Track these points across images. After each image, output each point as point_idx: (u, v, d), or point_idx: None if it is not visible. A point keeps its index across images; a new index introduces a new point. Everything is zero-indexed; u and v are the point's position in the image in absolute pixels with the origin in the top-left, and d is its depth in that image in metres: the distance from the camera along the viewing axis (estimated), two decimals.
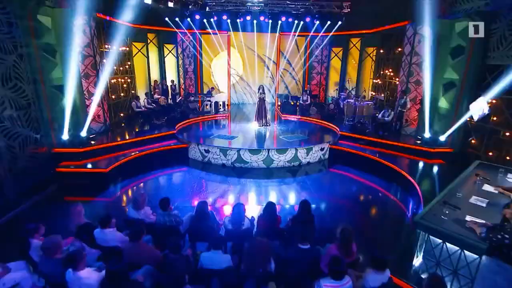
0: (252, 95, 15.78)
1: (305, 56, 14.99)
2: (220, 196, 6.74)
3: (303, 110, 12.96)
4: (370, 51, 13.46)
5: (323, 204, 6.46)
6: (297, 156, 8.49)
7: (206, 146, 8.49)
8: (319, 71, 15.27)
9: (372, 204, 6.76)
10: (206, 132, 9.97)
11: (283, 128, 10.56)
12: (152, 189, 7.09)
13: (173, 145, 8.93)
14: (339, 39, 14.10)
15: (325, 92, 15.47)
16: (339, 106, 12.36)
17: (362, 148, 9.04)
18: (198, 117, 11.76)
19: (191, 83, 14.66)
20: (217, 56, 14.78)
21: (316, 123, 11.51)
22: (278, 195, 6.92)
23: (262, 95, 10.70)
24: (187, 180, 7.51)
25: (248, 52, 15.08)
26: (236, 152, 8.22)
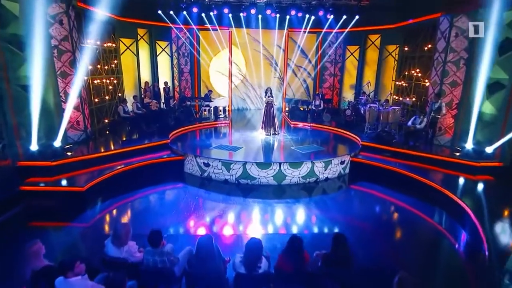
0: (254, 100, 15.63)
1: (317, 55, 14.69)
2: (221, 219, 6.23)
3: (315, 117, 12.59)
4: (391, 49, 13.07)
5: (351, 232, 5.82)
6: (314, 171, 8.01)
7: (205, 159, 8.06)
8: (332, 73, 14.92)
9: (410, 232, 6.09)
10: (205, 142, 9.70)
11: (294, 137, 10.24)
12: (141, 211, 6.56)
13: (166, 157, 8.54)
14: (355, 36, 13.75)
15: (339, 96, 15.13)
16: (357, 112, 11.92)
17: (388, 161, 8.62)
18: (195, 124, 11.49)
19: (187, 85, 14.38)
20: (217, 55, 14.59)
21: (331, 132, 11.20)
22: (293, 219, 6.36)
23: (270, 99, 10.32)
24: (182, 200, 7.02)
25: (252, 51, 14.83)
26: (241, 166, 7.74)
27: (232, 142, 9.67)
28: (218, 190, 7.45)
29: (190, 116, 12.14)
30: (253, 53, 14.91)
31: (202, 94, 14.08)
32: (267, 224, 6.08)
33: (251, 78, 15.25)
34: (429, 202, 7.01)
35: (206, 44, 14.05)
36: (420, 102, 10.87)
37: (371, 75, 13.94)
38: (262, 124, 10.55)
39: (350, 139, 10.13)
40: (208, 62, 14.53)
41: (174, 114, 11.85)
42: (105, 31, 10.03)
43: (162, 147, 9.03)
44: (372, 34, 13.64)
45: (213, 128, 11.61)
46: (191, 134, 10.69)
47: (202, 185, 7.79)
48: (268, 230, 5.89)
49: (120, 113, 10.34)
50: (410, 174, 7.92)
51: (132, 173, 7.91)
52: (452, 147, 8.89)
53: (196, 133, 10.92)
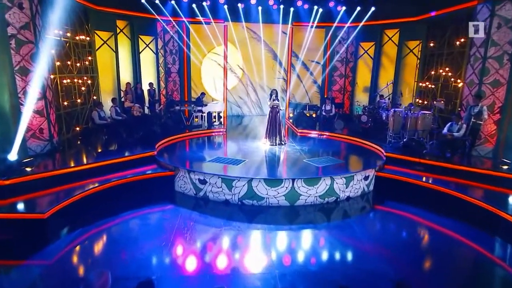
0: (252, 105, 15.64)
1: (325, 56, 14.55)
2: (222, 252, 5.65)
3: (325, 124, 12.27)
4: (412, 45, 12.85)
5: (385, 266, 5.25)
6: (333, 189, 7.59)
7: (201, 174, 7.58)
8: (343, 73, 14.83)
9: (457, 263, 5.68)
10: (199, 154, 9.49)
11: (305, 148, 10.01)
12: (120, 242, 5.91)
13: (152, 172, 8.07)
14: (370, 30, 13.61)
15: (350, 100, 14.89)
16: (374, 118, 11.66)
17: (420, 176, 8.22)
18: (185, 132, 11.16)
19: (175, 87, 14.29)
20: (210, 51, 14.60)
21: (347, 141, 10.95)
22: (312, 250, 5.77)
23: (275, 103, 9.97)
24: (173, 226, 6.43)
25: (252, 49, 14.70)
26: (246, 183, 7.29)
27: (231, 154, 9.33)
28: (217, 213, 7.03)
29: (180, 123, 11.85)
30: (254, 51, 14.78)
31: (192, 98, 13.97)
32: (279, 258, 5.50)
33: (251, 78, 15.24)
34: (475, 225, 6.61)
35: (199, 40, 13.97)
36: (450, 106, 10.56)
37: (389, 76, 13.66)
38: (266, 133, 10.22)
39: (371, 150, 9.85)
40: (201, 59, 14.50)
41: (161, 121, 11.61)
42: (77, 21, 9.71)
43: (147, 161, 8.62)
44: (390, 28, 13.44)
45: (207, 138, 11.39)
46: (181, 145, 10.42)
47: (197, 206, 7.39)
48: (281, 264, 5.30)
49: (95, 119, 10.04)
50: (450, 192, 7.46)
51: (110, 193, 7.39)
52: (495, 158, 8.47)
53: (188, 143, 10.65)
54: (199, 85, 14.68)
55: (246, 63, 14.85)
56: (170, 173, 8.06)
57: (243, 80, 15.18)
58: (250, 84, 15.22)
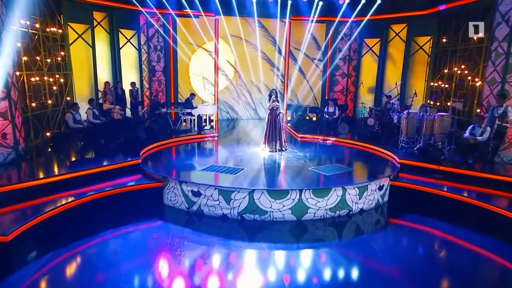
0: (246, 108, 15.68)
1: (327, 52, 14.57)
2: (219, 276, 5.38)
3: (329, 127, 12.08)
4: (422, 41, 12.92)
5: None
6: (345, 200, 7.41)
7: (194, 185, 7.33)
8: (345, 73, 14.89)
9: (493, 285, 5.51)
10: (191, 162, 9.33)
11: (308, 154, 9.96)
12: (98, 267, 5.57)
13: (135, 184, 7.81)
14: (375, 26, 13.63)
15: (354, 101, 14.91)
16: (381, 121, 11.52)
17: (439, 185, 8.07)
18: (173, 138, 10.95)
19: (160, 88, 14.07)
20: (200, 48, 14.51)
21: (354, 147, 10.93)
22: (324, 275, 5.52)
23: (275, 104, 9.81)
24: (161, 247, 6.16)
25: (246, 45, 14.67)
26: (246, 194, 7.05)
27: (226, 161, 9.16)
28: (213, 230, 6.81)
29: (166, 128, 11.61)
30: (248, 48, 14.80)
31: (179, 99, 13.82)
32: (287, 282, 5.25)
33: (245, 78, 15.20)
34: (504, 238, 6.45)
35: (188, 35, 13.80)
36: (467, 107, 10.54)
37: (396, 76, 13.67)
38: (264, 138, 10.06)
39: (382, 157, 9.80)
40: (191, 56, 14.43)
41: (145, 125, 11.45)
42: (47, 11, 9.53)
43: (130, 170, 8.33)
44: (396, 23, 13.52)
45: (198, 144, 11.25)
46: (169, 152, 10.26)
47: (190, 223, 7.17)
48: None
49: (69, 123, 9.67)
50: (474, 201, 7.30)
51: (87, 209, 7.05)
52: None
53: (176, 150, 10.50)
54: (187, 85, 14.52)
55: (242, 62, 14.84)
56: (158, 184, 7.82)
57: (236, 80, 15.15)
58: (243, 84, 15.17)
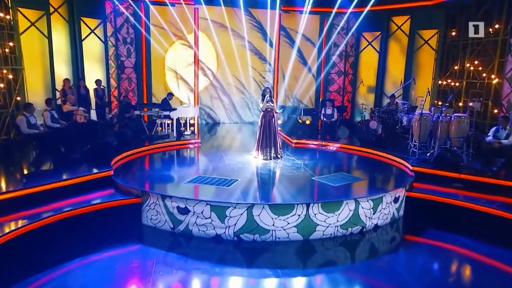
0: (229, 111, 15.73)
1: (321, 47, 14.62)
2: None
3: (326, 131, 12.16)
4: (427, 35, 13.01)
5: None
6: (358, 215, 7.32)
7: (181, 201, 7.07)
8: (342, 70, 14.96)
9: None
10: (173, 173, 9.18)
11: (308, 162, 9.98)
12: None
13: (107, 201, 7.47)
14: (374, 18, 13.70)
15: (351, 102, 15.09)
16: (385, 124, 11.61)
17: (460, 195, 8.07)
18: (146, 145, 10.70)
19: (130, 87, 13.82)
20: (178, 41, 14.34)
21: (358, 154, 11.00)
22: None
23: (269, 105, 9.71)
24: (140, 277, 5.89)
25: (230, 38, 14.67)
26: (244, 210, 6.84)
27: (214, 171, 9.03)
28: (204, 255, 6.59)
29: (140, 133, 11.35)
30: (234, 42, 14.80)
31: (154, 99, 13.85)
32: None
33: (228, 77, 15.20)
34: None
35: (166, 26, 13.63)
36: (482, 107, 10.65)
37: (398, 73, 13.79)
38: (257, 144, 9.94)
39: (391, 164, 9.86)
40: (168, 48, 14.36)
41: (114, 130, 11.34)
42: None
43: (100, 184, 7.95)
44: (398, 15, 13.62)
45: (178, 151, 11.09)
46: (146, 161, 10.13)
47: (176, 246, 6.97)
48: None
49: (22, 128, 9.26)
50: (501, 213, 7.24)
51: (45, 234, 6.62)
52: None
53: (154, 159, 10.36)
54: (163, 83, 14.39)
55: (224, 57, 14.87)
56: (135, 200, 7.50)
57: (218, 79, 15.15)
58: (227, 84, 15.20)
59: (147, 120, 12.65)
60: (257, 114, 15.00)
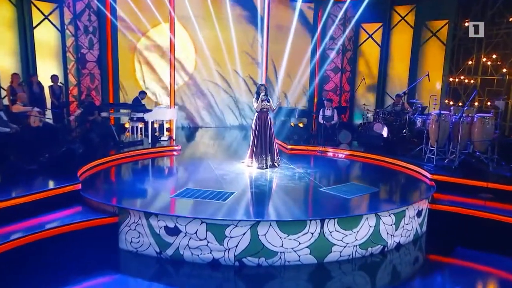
0: (209, 113, 15.85)
1: (315, 40, 14.73)
2: None
3: (325, 136, 12.19)
4: (436, 26, 13.07)
5: None
6: (379, 232, 7.26)
7: (170, 219, 6.86)
8: (339, 67, 15.10)
9: None
10: (154, 186, 9.15)
11: (310, 170, 10.07)
12: None
13: (74, 222, 7.08)
14: (375, 8, 13.88)
15: (350, 102, 15.22)
16: (390, 127, 11.79)
17: (485, 207, 8.10)
18: (115, 153, 10.63)
19: (93, 84, 13.53)
20: (154, 29, 14.22)
21: (364, 161, 11.19)
22: None
23: (265, 105, 9.76)
24: None
25: (213, 29, 14.83)
26: (248, 229, 6.68)
27: (206, 183, 8.87)
28: (199, 284, 6.55)
29: (108, 139, 11.19)
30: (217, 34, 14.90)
31: (122, 99, 13.75)
32: None
33: (210, 73, 15.33)
34: None
35: (137, 11, 13.44)
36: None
37: (402, 70, 13.93)
38: (251, 150, 9.96)
39: (405, 172, 9.97)
40: (141, 36, 14.27)
41: (75, 135, 11.27)
42: None
43: (64, 201, 7.65)
44: (402, 4, 13.82)
45: (156, 160, 11.06)
46: (120, 172, 10.04)
47: (162, 275, 6.76)
48: None
49: None
50: None
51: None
52: None
53: (129, 169, 10.29)
54: (133, 80, 14.23)
55: (205, 49, 14.89)
56: (111, 219, 7.17)
57: (197, 77, 15.16)
58: (209, 82, 15.26)
59: (113, 123, 12.47)
60: (246, 116, 15.53)
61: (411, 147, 10.92)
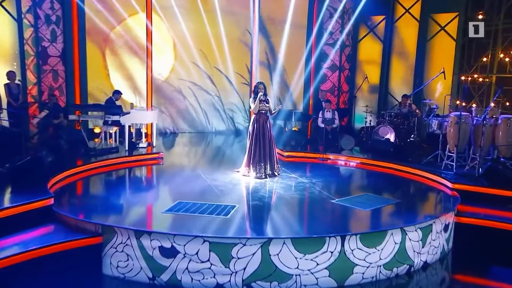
0: (192, 116, 15.88)
1: (310, 34, 14.96)
2: None
3: (328, 141, 12.23)
4: (444, 20, 13.15)
5: None
6: (405, 250, 7.16)
7: (165, 238, 6.67)
8: (337, 65, 15.07)
9: None
10: (141, 200, 8.99)
11: (315, 180, 10.02)
12: None
13: (47, 244, 6.80)
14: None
15: (348, 104, 15.32)
16: (398, 131, 11.87)
17: None
18: (77, 165, 10.38)
19: (56, 83, 13.31)
20: (131, 17, 14.10)
21: (372, 169, 11.22)
22: None
23: (264, 107, 9.76)
24: None
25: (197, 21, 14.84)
26: (258, 248, 6.50)
27: (200, 196, 8.74)
28: None
29: (78, 146, 11.10)
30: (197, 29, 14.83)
31: (90, 100, 13.67)
32: None
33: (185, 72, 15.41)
34: None
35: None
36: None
37: (407, 67, 14.05)
38: (249, 157, 9.91)
39: (420, 181, 10.02)
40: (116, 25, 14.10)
41: (31, 142, 11.54)
42: None
43: (32, 218, 7.38)
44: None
45: (137, 170, 11.04)
46: (97, 184, 9.98)
47: None
48: None
49: None
50: None
51: None
52: None
53: (107, 181, 10.18)
54: (104, 79, 14.11)
55: (187, 43, 14.85)
56: (92, 240, 6.88)
57: (177, 74, 15.12)
58: (189, 80, 15.25)
59: (80, 127, 12.40)
60: (235, 119, 15.48)
61: (421, 153, 10.99)
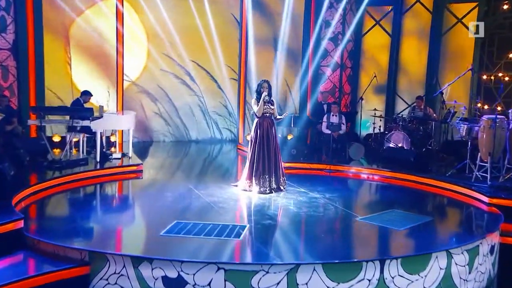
0: (169, 122, 15.86)
1: (309, 29, 15.10)
2: None
3: (334, 150, 12.37)
4: (461, 11, 13.35)
5: None
6: (451, 276, 7.06)
7: (170, 266, 6.43)
8: (338, 62, 15.22)
9: None
10: (129, 220, 9.06)
11: (330, 195, 10.04)
12: None
13: (18, 279, 6.34)
14: None
15: (350, 108, 15.64)
16: (413, 137, 11.99)
17: None
18: (38, 182, 10.07)
19: (6, 82, 13.16)
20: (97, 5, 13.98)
21: (386, 182, 11.32)
22: None
23: (268, 109, 9.74)
24: None
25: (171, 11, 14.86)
26: (284, 276, 6.35)
27: (199, 215, 8.66)
28: None
29: (38, 156, 11.07)
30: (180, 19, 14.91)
31: (47, 101, 13.41)
32: None
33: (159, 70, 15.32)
34: None
35: None
36: None
37: (419, 64, 14.27)
38: (250, 169, 9.83)
39: (446, 196, 10.17)
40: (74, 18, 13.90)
41: None
42: None
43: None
44: None
45: (117, 184, 11.04)
46: (73, 202, 9.63)
47: None
48: None
49: None
50: None
51: None
52: None
53: (83, 198, 10.05)
54: (65, 78, 13.81)
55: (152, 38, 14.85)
56: (77, 270, 6.48)
57: (150, 74, 14.94)
58: (164, 80, 15.14)
59: (36, 135, 12.38)
60: (220, 125, 15.34)
61: (442, 163, 11.38)
